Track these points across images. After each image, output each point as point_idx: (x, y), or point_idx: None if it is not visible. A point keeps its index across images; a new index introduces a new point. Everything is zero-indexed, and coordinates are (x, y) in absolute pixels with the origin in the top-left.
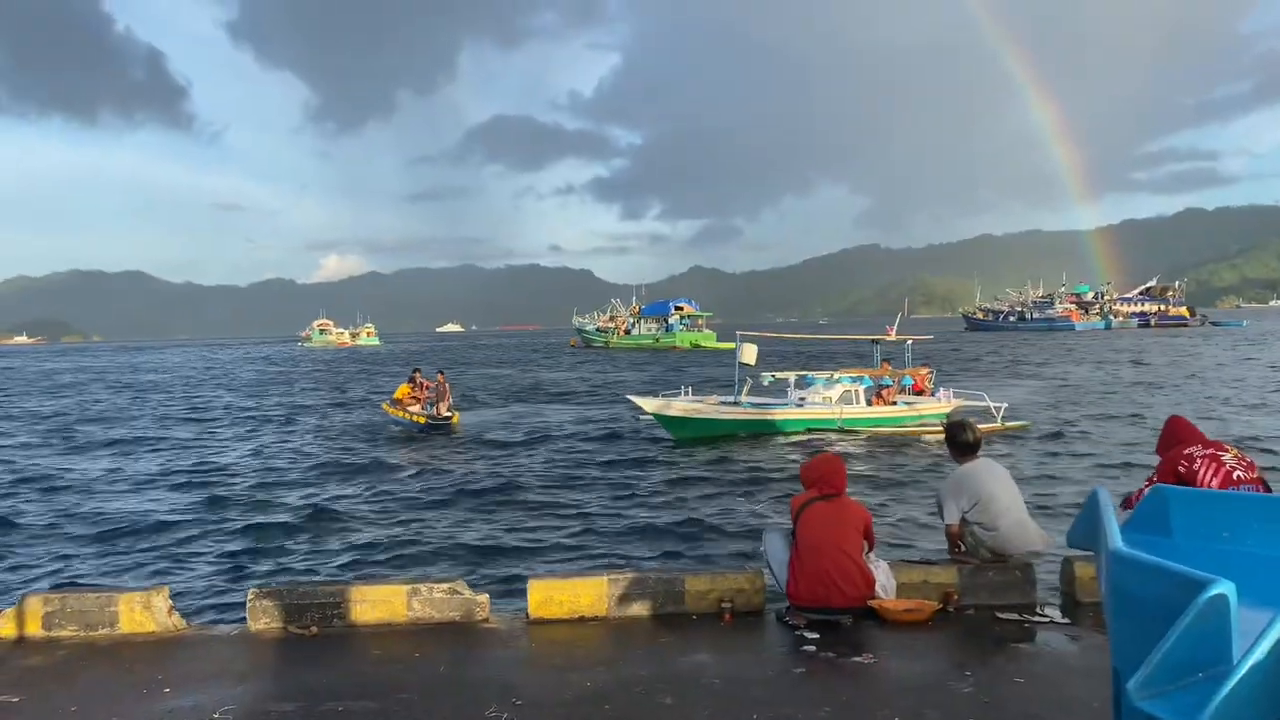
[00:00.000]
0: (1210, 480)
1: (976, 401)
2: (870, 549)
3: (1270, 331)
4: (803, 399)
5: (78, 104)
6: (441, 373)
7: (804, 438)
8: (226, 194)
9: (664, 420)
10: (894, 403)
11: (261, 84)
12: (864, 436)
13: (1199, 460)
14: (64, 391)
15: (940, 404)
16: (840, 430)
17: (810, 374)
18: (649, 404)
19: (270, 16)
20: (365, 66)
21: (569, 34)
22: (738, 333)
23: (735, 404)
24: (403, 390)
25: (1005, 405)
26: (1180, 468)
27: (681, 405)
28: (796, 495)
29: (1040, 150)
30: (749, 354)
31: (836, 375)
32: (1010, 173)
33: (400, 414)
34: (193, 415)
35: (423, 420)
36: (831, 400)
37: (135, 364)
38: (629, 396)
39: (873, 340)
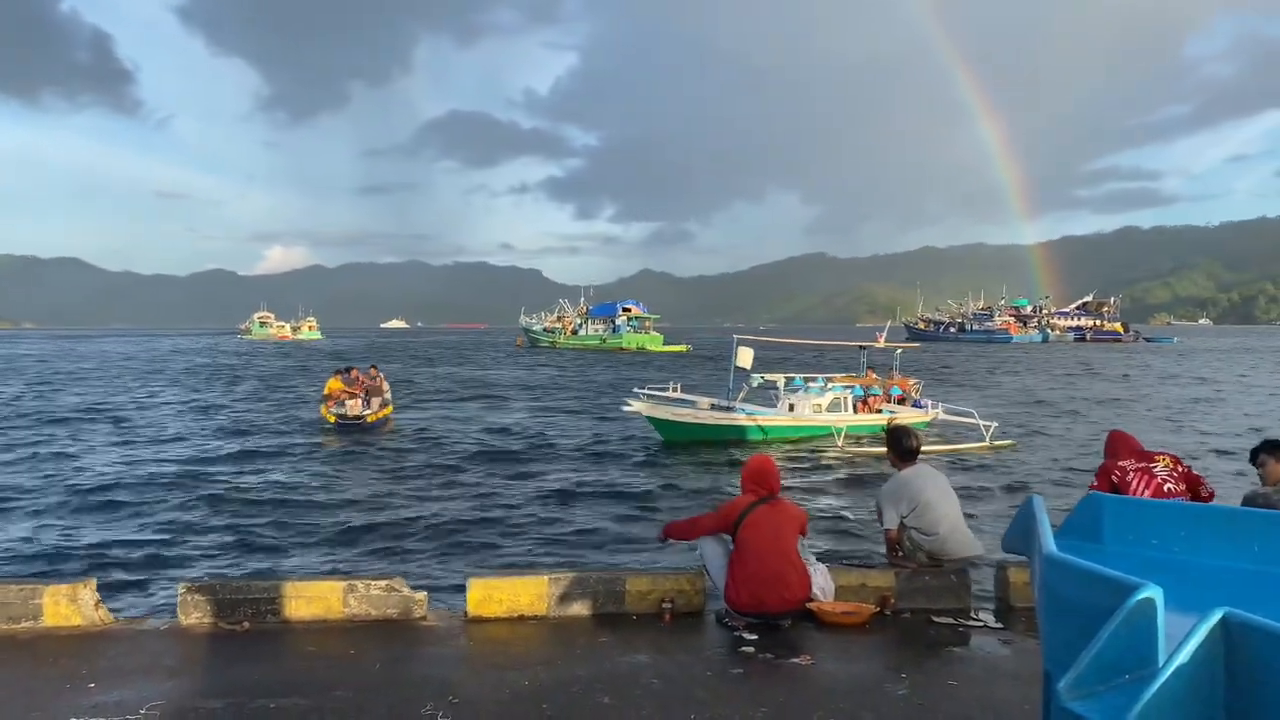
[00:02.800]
0: (1142, 491)
1: (965, 417)
2: (804, 536)
3: (1197, 348)
4: (793, 405)
5: (17, 83)
6: (374, 366)
7: (795, 448)
8: (170, 182)
9: (655, 422)
10: (879, 411)
11: (212, 71)
12: (864, 445)
13: (1131, 473)
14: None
15: (923, 414)
16: (837, 439)
17: (799, 377)
18: (641, 405)
19: (223, 2)
20: (319, 57)
21: (527, 32)
22: (734, 336)
23: (729, 409)
24: (332, 385)
25: (995, 425)
26: (1114, 477)
27: (673, 409)
28: (733, 499)
29: (986, 166)
30: (745, 357)
31: (828, 382)
32: (956, 187)
33: (323, 410)
34: (123, 405)
35: (333, 419)
36: (822, 408)
37: (68, 352)
38: (637, 391)
39: (860, 347)
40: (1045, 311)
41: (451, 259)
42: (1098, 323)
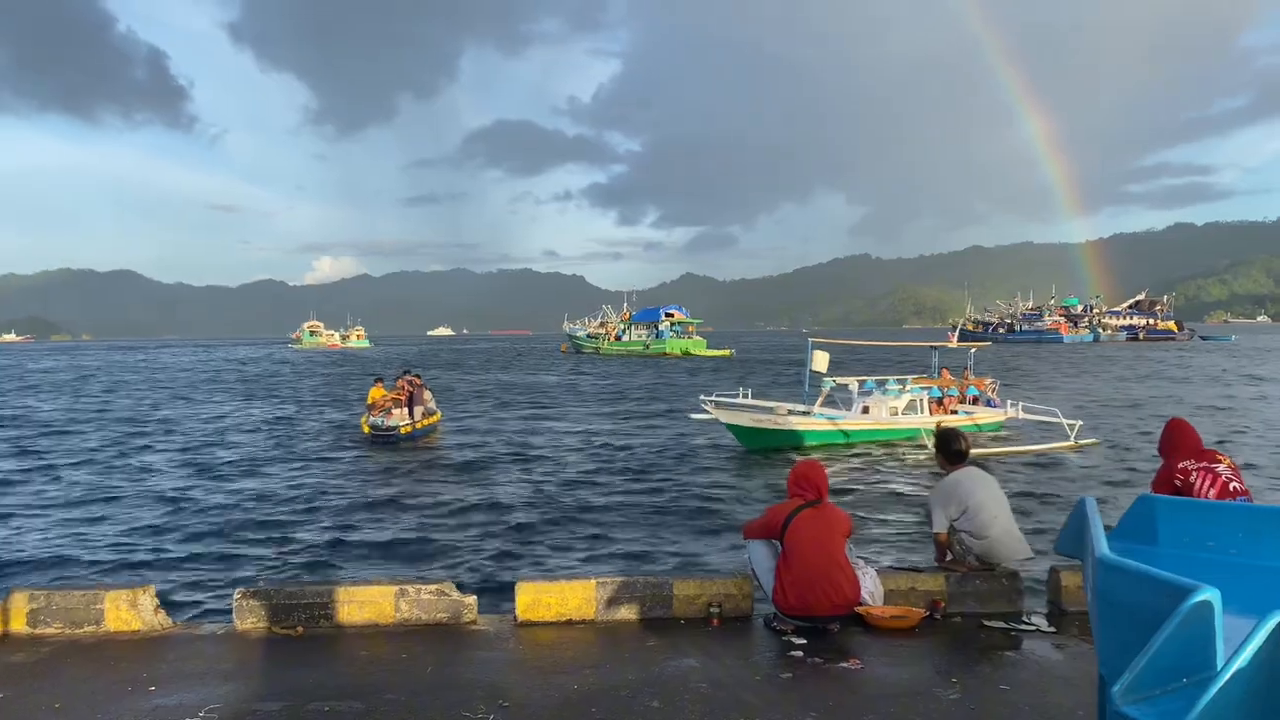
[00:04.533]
0: (1208, 492)
1: (1047, 416)
2: (850, 540)
3: (1257, 347)
4: (868, 408)
5: (77, 102)
6: (417, 375)
7: (881, 451)
8: (222, 195)
9: (735, 429)
10: (954, 412)
11: (262, 86)
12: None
13: (1195, 473)
14: (67, 388)
15: (999, 414)
16: (927, 440)
17: (870, 380)
18: (720, 412)
19: (272, 18)
20: (367, 70)
21: (571, 40)
22: (810, 339)
23: (807, 413)
24: (375, 393)
25: (1080, 423)
26: (1176, 481)
27: (753, 415)
28: (779, 504)
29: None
30: (820, 361)
31: (906, 384)
32: (1004, 185)
33: (362, 422)
34: (183, 415)
35: (367, 430)
36: (898, 410)
37: (128, 363)
38: (703, 399)
39: (931, 347)
40: (1096, 311)
41: (496, 267)
42: (1151, 321)
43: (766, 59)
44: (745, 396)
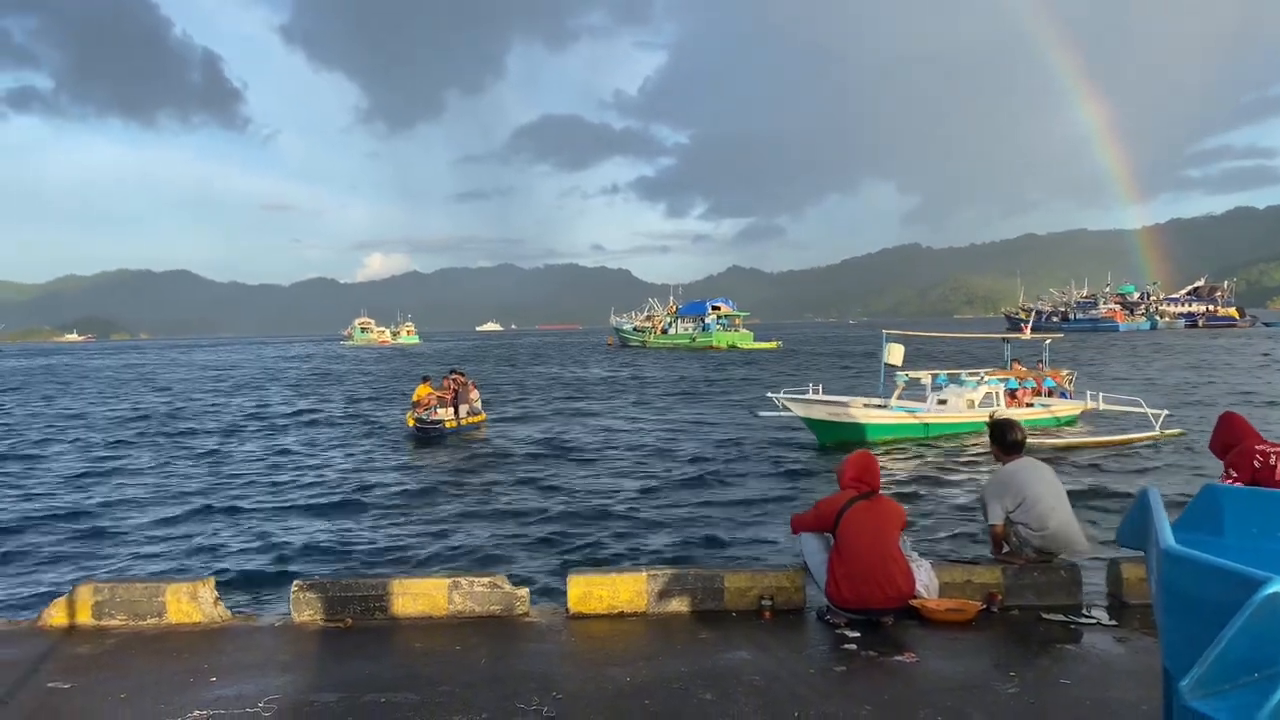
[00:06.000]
0: None
1: (1131, 407)
2: (904, 532)
3: None
4: (944, 401)
5: (136, 106)
6: (461, 373)
7: (954, 443)
8: (275, 195)
9: (812, 423)
10: (1030, 405)
11: (313, 86)
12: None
13: (1274, 455)
14: (129, 388)
15: (1076, 406)
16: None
17: (943, 374)
18: (797, 406)
19: (321, 19)
20: (415, 68)
21: (617, 33)
22: (884, 331)
23: (883, 407)
24: (421, 391)
25: (1165, 413)
26: (1256, 461)
27: (832, 409)
28: (832, 495)
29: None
30: (895, 354)
31: (984, 376)
32: (1057, 172)
33: (407, 417)
34: (242, 411)
35: (412, 423)
36: (975, 403)
37: (191, 361)
38: (770, 395)
39: (1003, 339)
40: (1153, 298)
41: (542, 262)
42: (1211, 308)
43: (815, 48)
44: (817, 391)
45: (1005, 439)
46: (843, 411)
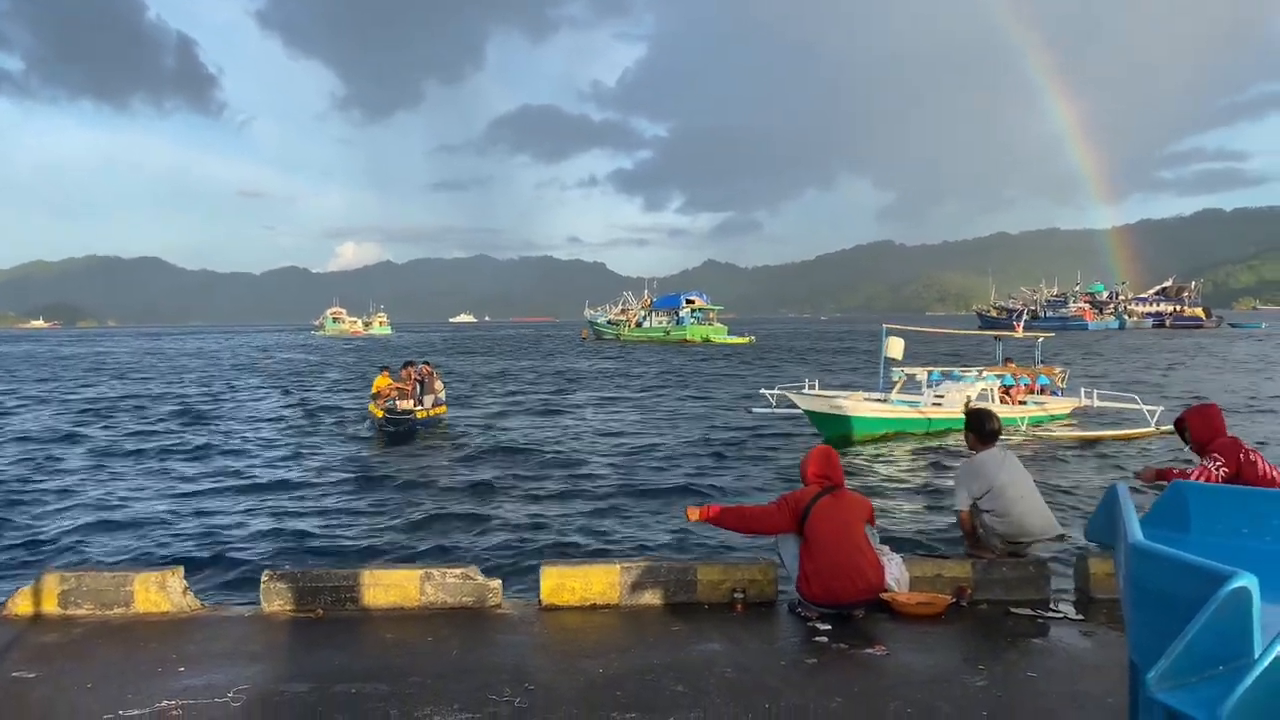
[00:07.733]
0: (1272, 475)
1: (1127, 404)
2: (871, 525)
3: None
4: (940, 397)
5: (109, 90)
6: (426, 362)
7: (952, 438)
8: (249, 181)
9: (815, 417)
10: (1023, 403)
11: (290, 73)
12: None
13: (1253, 454)
14: (99, 373)
15: (1069, 403)
16: (1022, 431)
17: (937, 370)
18: (801, 400)
19: (299, 5)
20: (393, 56)
21: (597, 24)
22: (884, 325)
23: (883, 401)
24: (380, 382)
25: (1161, 409)
26: (1241, 455)
27: (835, 403)
28: (794, 492)
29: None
30: (895, 348)
31: (980, 373)
32: (1031, 171)
33: (371, 407)
34: (208, 399)
35: (380, 414)
36: (972, 399)
37: (158, 349)
38: (764, 391)
39: (995, 336)
40: (1122, 298)
41: (518, 253)
42: (1178, 308)
43: (794, 44)
44: (813, 386)
45: (983, 428)
46: (844, 405)
